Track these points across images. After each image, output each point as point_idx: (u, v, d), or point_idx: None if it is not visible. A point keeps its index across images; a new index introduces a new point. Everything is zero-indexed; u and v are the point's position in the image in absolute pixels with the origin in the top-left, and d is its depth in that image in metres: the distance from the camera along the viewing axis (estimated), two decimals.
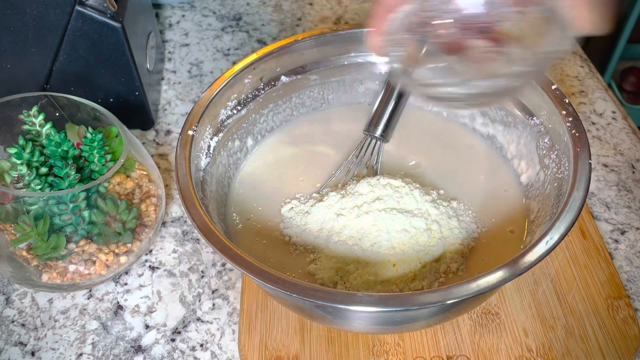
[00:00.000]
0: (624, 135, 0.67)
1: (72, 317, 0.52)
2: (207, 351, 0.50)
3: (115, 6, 0.59)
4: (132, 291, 0.54)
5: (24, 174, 0.47)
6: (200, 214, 0.42)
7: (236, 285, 0.54)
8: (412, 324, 0.45)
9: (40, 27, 0.57)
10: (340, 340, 0.49)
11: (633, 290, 0.53)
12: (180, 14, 0.85)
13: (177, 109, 0.71)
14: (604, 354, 0.47)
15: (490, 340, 0.48)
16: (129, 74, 0.62)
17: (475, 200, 0.52)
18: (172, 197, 0.61)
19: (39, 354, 0.49)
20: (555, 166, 0.48)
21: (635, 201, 0.60)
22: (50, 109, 0.53)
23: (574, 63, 0.76)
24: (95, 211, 0.49)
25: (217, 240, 0.41)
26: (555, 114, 0.48)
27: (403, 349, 0.48)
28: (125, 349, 0.50)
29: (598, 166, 0.64)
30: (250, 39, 0.81)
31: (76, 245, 0.49)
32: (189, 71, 0.76)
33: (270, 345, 0.48)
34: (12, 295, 0.53)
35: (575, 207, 0.41)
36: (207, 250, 0.56)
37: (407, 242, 0.47)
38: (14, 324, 0.51)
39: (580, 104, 0.71)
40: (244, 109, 0.55)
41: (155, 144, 0.67)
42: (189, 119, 0.49)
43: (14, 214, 0.48)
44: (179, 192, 0.44)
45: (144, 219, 0.53)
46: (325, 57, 0.57)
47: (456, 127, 0.59)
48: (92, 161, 0.51)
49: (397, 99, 0.49)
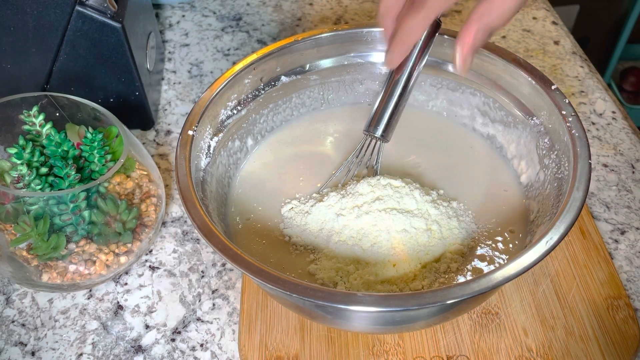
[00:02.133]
0: (624, 135, 0.67)
1: (72, 317, 0.52)
2: (207, 351, 0.50)
3: (115, 6, 0.59)
4: (132, 291, 0.54)
5: (24, 174, 0.47)
6: (200, 214, 0.42)
7: (236, 285, 0.54)
8: (412, 324, 0.45)
9: (40, 27, 0.57)
10: (340, 340, 0.49)
11: (633, 290, 0.53)
12: (180, 14, 0.85)
13: (177, 109, 0.71)
14: (603, 354, 0.47)
15: (490, 340, 0.48)
16: (129, 74, 0.62)
17: (475, 200, 0.52)
18: (172, 197, 0.61)
19: (39, 354, 0.50)
20: (555, 166, 0.48)
21: (635, 201, 0.60)
22: (50, 109, 0.53)
23: (574, 63, 0.76)
24: (95, 211, 0.49)
25: (218, 241, 0.41)
26: (555, 114, 0.48)
27: (403, 348, 0.48)
28: (125, 349, 0.50)
29: (598, 166, 0.64)
30: (250, 39, 0.81)
31: (76, 245, 0.49)
32: (189, 71, 0.76)
33: (270, 345, 0.48)
34: (12, 295, 0.53)
35: (575, 207, 0.41)
36: (207, 250, 0.56)
37: (407, 242, 0.47)
38: (14, 324, 0.51)
39: (580, 104, 0.71)
40: (244, 109, 0.55)
41: (155, 144, 0.67)
42: (189, 119, 0.49)
43: (14, 214, 0.48)
44: (179, 192, 0.44)
45: (144, 219, 0.53)
46: (325, 57, 0.57)
47: (456, 127, 0.59)
48: (92, 161, 0.51)
49: (397, 99, 0.50)
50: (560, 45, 0.79)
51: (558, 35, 0.81)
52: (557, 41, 0.80)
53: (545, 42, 0.80)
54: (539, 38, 0.80)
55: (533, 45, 0.79)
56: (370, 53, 0.58)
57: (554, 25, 0.83)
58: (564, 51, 0.78)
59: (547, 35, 0.81)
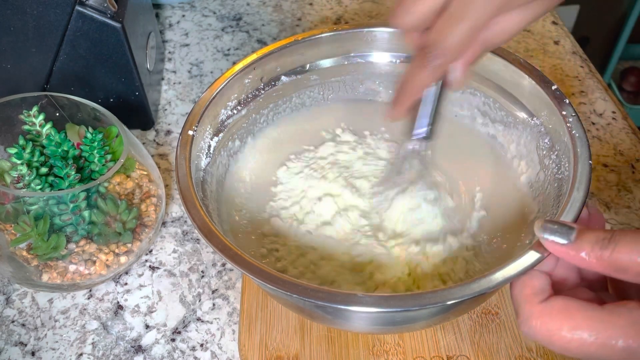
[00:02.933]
0: (624, 135, 0.67)
1: (72, 317, 0.52)
2: (207, 351, 0.50)
3: (115, 6, 0.59)
4: (132, 291, 0.54)
5: (24, 174, 0.47)
6: (200, 215, 0.42)
7: (236, 285, 0.54)
8: (413, 324, 0.45)
9: (40, 27, 0.57)
10: (340, 340, 0.49)
11: None
12: (180, 14, 0.85)
13: (177, 109, 0.71)
14: None
15: (490, 340, 0.48)
16: (129, 74, 0.62)
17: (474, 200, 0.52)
18: (172, 197, 0.61)
19: (39, 354, 0.50)
20: (555, 166, 0.48)
21: (635, 201, 0.60)
22: (50, 109, 0.53)
23: (574, 63, 0.76)
24: (95, 211, 0.49)
25: (218, 241, 0.41)
26: (556, 115, 0.48)
27: (403, 348, 0.48)
28: (125, 349, 0.50)
29: (598, 166, 0.64)
30: (250, 39, 0.81)
31: (76, 245, 0.49)
32: (189, 71, 0.76)
33: (270, 345, 0.48)
34: (12, 295, 0.53)
35: (576, 208, 0.41)
36: (207, 250, 0.56)
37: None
38: (14, 324, 0.51)
39: (580, 104, 0.71)
40: (244, 108, 0.54)
41: (155, 144, 0.67)
42: (189, 119, 0.49)
43: (14, 214, 0.48)
44: (180, 193, 0.44)
45: (144, 219, 0.53)
46: (325, 57, 0.57)
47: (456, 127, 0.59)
48: (92, 161, 0.51)
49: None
50: (560, 45, 0.79)
51: (558, 35, 0.81)
52: (557, 41, 0.80)
53: (545, 42, 0.80)
54: (539, 38, 0.80)
55: (533, 45, 0.79)
56: (370, 53, 0.58)
57: (554, 25, 0.83)
58: (564, 51, 0.78)
59: (547, 35, 0.81)
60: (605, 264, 0.33)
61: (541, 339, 0.34)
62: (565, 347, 0.33)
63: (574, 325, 0.33)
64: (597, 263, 0.33)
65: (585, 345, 0.32)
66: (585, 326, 0.32)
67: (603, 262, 0.33)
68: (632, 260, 0.32)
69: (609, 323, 0.32)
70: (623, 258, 0.32)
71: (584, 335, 0.32)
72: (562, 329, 0.33)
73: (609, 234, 0.33)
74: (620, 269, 0.33)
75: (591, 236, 0.34)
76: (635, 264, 0.32)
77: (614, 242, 0.33)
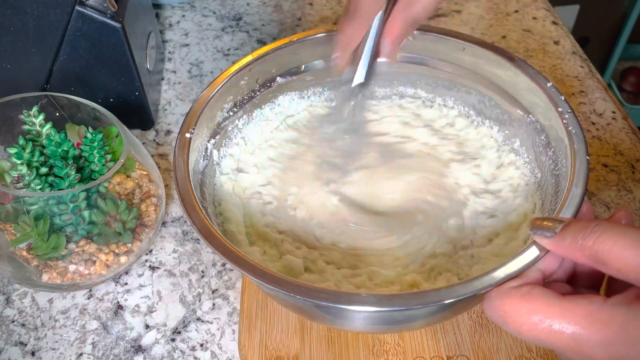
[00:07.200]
0: (624, 135, 0.67)
1: (72, 317, 0.52)
2: (207, 351, 0.50)
3: (115, 6, 0.59)
4: (132, 291, 0.54)
5: (24, 174, 0.47)
6: (200, 217, 0.42)
7: (236, 285, 0.54)
8: (413, 323, 0.45)
9: (40, 27, 0.57)
10: (340, 340, 0.49)
11: None
12: (180, 14, 0.85)
13: (177, 109, 0.71)
14: None
15: (490, 340, 0.48)
16: (129, 74, 0.62)
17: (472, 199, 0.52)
18: (172, 197, 0.61)
19: (39, 354, 0.50)
20: (552, 163, 0.48)
21: (635, 201, 0.60)
22: (50, 109, 0.53)
23: (574, 63, 0.76)
24: (95, 211, 0.49)
25: (219, 243, 0.41)
26: (551, 111, 0.48)
27: (403, 348, 0.48)
28: (125, 348, 0.50)
29: (598, 166, 0.64)
30: (250, 39, 0.81)
31: (76, 245, 0.49)
32: (189, 71, 0.76)
33: (270, 345, 0.48)
34: (12, 295, 0.53)
35: (575, 204, 0.41)
36: (207, 251, 0.56)
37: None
38: (14, 324, 0.51)
39: (580, 104, 0.71)
40: (240, 110, 0.55)
41: (155, 144, 0.67)
42: (186, 122, 0.49)
43: (14, 214, 0.48)
44: (179, 196, 0.44)
45: (144, 219, 0.53)
46: (320, 57, 0.57)
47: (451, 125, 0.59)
48: (92, 161, 0.51)
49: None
50: (560, 45, 0.79)
51: (558, 35, 0.81)
52: (557, 41, 0.80)
53: (545, 42, 0.80)
54: (539, 38, 0.80)
55: (533, 45, 0.79)
56: None
57: (554, 25, 0.83)
58: (564, 51, 0.78)
59: (547, 35, 0.81)
60: (586, 253, 0.32)
61: (497, 318, 0.34)
62: (518, 330, 0.33)
63: (531, 309, 0.32)
64: (580, 253, 0.32)
65: (537, 330, 0.32)
66: (542, 311, 0.32)
67: (584, 250, 0.32)
68: (614, 252, 0.31)
69: (567, 311, 0.31)
70: (603, 249, 0.31)
71: (537, 320, 0.32)
72: (519, 311, 0.33)
73: (593, 223, 0.32)
74: (599, 261, 0.31)
75: (576, 225, 0.33)
76: (616, 259, 0.31)
77: (597, 232, 0.32)
